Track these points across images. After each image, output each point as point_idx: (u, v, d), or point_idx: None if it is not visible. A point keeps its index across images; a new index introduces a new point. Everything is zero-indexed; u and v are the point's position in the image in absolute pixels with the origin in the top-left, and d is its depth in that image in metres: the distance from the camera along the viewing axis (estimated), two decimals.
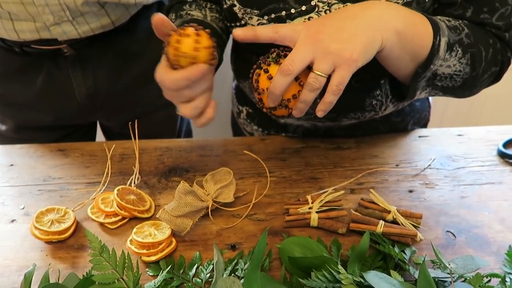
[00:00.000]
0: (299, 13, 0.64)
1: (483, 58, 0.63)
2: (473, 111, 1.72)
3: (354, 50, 0.52)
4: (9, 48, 0.84)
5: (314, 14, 0.64)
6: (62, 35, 0.80)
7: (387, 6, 0.56)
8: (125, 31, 0.89)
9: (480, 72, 0.64)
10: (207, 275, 0.55)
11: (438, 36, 0.58)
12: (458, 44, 0.60)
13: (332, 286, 0.49)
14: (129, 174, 0.73)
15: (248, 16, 0.67)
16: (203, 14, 0.76)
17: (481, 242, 0.61)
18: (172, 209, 0.60)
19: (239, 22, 0.70)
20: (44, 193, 0.70)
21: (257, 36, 0.55)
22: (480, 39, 0.63)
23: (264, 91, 0.57)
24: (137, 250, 0.58)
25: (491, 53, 0.63)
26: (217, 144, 0.81)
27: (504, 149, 0.77)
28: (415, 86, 0.62)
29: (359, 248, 0.54)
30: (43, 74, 0.87)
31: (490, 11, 0.62)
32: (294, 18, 0.65)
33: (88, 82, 0.90)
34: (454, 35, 0.60)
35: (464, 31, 0.61)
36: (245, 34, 0.55)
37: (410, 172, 0.74)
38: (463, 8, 0.63)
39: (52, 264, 0.58)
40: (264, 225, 0.64)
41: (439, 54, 0.58)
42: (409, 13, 0.57)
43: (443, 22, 0.61)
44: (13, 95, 0.90)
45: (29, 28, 0.78)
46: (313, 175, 0.73)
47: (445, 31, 0.59)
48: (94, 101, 0.93)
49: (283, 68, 0.53)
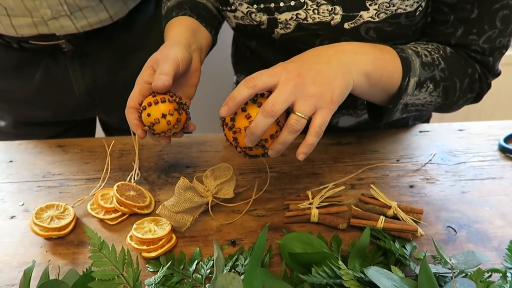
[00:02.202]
0: (287, 8, 0.65)
1: (457, 89, 0.66)
2: (474, 106, 1.71)
3: (334, 93, 0.54)
4: (7, 44, 0.84)
5: (302, 12, 0.64)
6: (60, 29, 0.80)
7: (357, 49, 0.59)
8: (123, 26, 0.89)
9: (454, 100, 0.67)
10: (207, 271, 0.55)
11: (408, 77, 0.61)
12: (429, 81, 0.63)
13: (332, 281, 0.49)
14: (128, 170, 0.73)
15: (239, 2, 0.68)
16: None
17: (482, 237, 0.61)
18: (172, 205, 0.60)
19: (229, 7, 0.70)
20: (44, 189, 0.70)
21: (238, 103, 0.54)
22: (456, 71, 0.65)
23: (241, 130, 0.55)
24: (137, 246, 0.58)
25: (466, 83, 0.67)
26: (217, 139, 0.81)
27: (505, 144, 0.77)
28: (389, 115, 0.65)
29: (359, 243, 0.54)
30: (41, 69, 0.87)
31: (478, 32, 0.63)
32: (282, 12, 0.65)
33: (87, 78, 0.90)
34: (426, 72, 0.62)
35: (440, 65, 0.63)
36: (229, 109, 0.55)
37: (410, 167, 0.74)
38: (454, 27, 0.64)
39: (52, 260, 0.58)
40: (264, 221, 0.64)
41: (407, 92, 0.62)
42: (379, 55, 0.60)
43: (419, 59, 0.63)
44: (12, 91, 0.90)
45: (26, 23, 0.78)
46: (313, 170, 0.73)
47: (416, 71, 0.61)
48: (93, 96, 0.93)
49: (266, 109, 0.52)
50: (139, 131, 0.61)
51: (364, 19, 0.62)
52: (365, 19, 0.62)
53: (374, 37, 0.64)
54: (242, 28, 0.72)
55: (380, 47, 0.62)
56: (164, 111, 0.59)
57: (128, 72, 0.92)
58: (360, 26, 0.63)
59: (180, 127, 0.62)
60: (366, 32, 0.64)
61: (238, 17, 0.70)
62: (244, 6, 0.67)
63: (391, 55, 0.61)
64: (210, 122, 1.37)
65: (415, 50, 0.63)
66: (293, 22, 0.66)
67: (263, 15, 0.67)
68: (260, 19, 0.68)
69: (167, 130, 0.61)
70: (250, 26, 0.71)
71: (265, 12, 0.66)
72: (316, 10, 0.63)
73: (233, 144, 0.58)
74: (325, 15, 0.63)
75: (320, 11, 0.63)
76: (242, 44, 0.83)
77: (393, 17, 0.62)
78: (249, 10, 0.67)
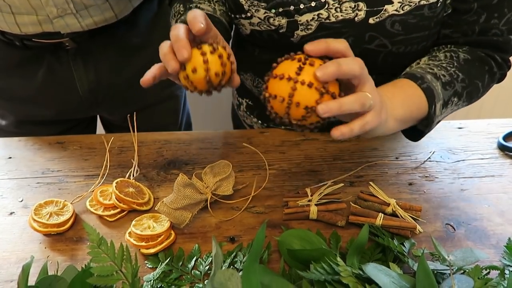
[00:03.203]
0: (308, 9, 0.64)
1: (480, 88, 0.69)
2: (474, 104, 1.71)
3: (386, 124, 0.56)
4: (9, 42, 0.83)
5: (324, 11, 0.64)
6: (65, 28, 0.79)
7: (386, 93, 0.59)
8: (126, 24, 0.89)
9: (479, 95, 0.71)
10: (206, 268, 0.55)
11: (434, 105, 0.62)
12: (453, 96, 0.65)
13: (331, 278, 0.49)
14: (128, 166, 0.73)
15: (255, 9, 0.67)
16: (212, 8, 0.76)
17: (480, 235, 0.61)
18: (171, 202, 0.60)
19: (244, 14, 0.69)
20: (43, 186, 0.70)
21: (341, 73, 0.50)
22: (475, 75, 0.67)
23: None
24: (136, 242, 0.58)
25: (487, 79, 0.69)
26: (216, 136, 0.81)
27: (504, 142, 0.77)
28: (426, 134, 0.67)
29: (358, 240, 0.54)
30: (44, 67, 0.87)
31: (499, 16, 0.65)
32: (303, 14, 0.65)
33: (90, 76, 0.90)
34: (449, 91, 0.64)
35: (459, 77, 0.65)
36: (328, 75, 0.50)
37: (409, 165, 0.74)
38: (477, 15, 0.65)
39: (50, 256, 0.58)
40: (263, 218, 0.64)
41: (436, 116, 0.63)
42: (403, 93, 0.61)
43: (439, 81, 0.64)
44: (14, 89, 0.90)
45: (31, 21, 0.77)
46: (312, 167, 0.73)
47: (439, 95, 0.63)
48: (96, 94, 0.93)
49: (362, 100, 0.50)
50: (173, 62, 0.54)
51: (389, 13, 0.62)
52: (390, 12, 0.62)
53: (399, 30, 0.64)
54: (257, 34, 0.71)
55: (400, 84, 0.63)
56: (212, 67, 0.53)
57: (131, 70, 0.92)
58: (385, 20, 0.63)
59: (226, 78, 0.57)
60: (392, 25, 0.64)
61: (254, 23, 0.69)
62: (261, 11, 0.67)
63: (412, 89, 0.62)
64: (210, 119, 1.37)
65: (433, 73, 0.64)
66: (314, 22, 0.65)
67: (282, 19, 0.67)
68: (279, 23, 0.67)
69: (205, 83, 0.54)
70: (266, 32, 0.70)
71: (284, 15, 0.66)
72: (339, 8, 0.63)
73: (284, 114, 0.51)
74: (349, 12, 0.63)
75: (343, 8, 0.63)
76: (244, 45, 0.83)
77: (417, 8, 0.63)
78: (267, 15, 0.67)
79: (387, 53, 0.68)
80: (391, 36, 0.65)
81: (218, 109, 1.20)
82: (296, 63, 0.50)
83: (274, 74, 0.51)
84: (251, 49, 0.80)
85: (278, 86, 0.50)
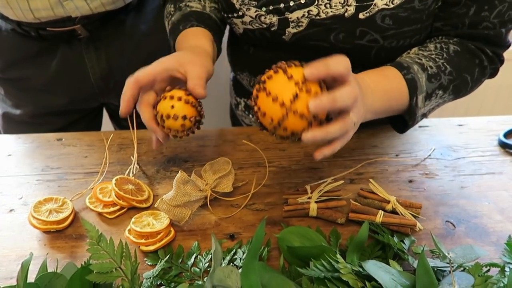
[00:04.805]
0: (298, 6, 0.64)
1: (469, 81, 0.69)
2: (474, 102, 1.71)
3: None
4: (25, 34, 0.87)
5: (314, 8, 0.63)
6: (75, 10, 0.82)
7: (370, 83, 0.60)
8: (134, 11, 0.93)
9: (468, 89, 0.71)
10: (205, 265, 0.55)
11: (415, 96, 0.63)
12: (437, 89, 0.65)
13: (330, 275, 0.49)
14: (127, 164, 0.73)
15: (246, 7, 0.67)
16: (202, 5, 0.76)
17: (480, 232, 0.61)
18: (170, 199, 0.59)
19: (236, 13, 0.69)
20: (42, 183, 0.70)
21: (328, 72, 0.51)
22: (464, 68, 0.67)
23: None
24: (135, 239, 0.58)
25: (477, 73, 0.69)
26: (216, 134, 0.81)
27: (505, 139, 0.77)
28: (411, 126, 0.69)
29: (358, 237, 0.54)
30: (58, 57, 0.90)
31: (490, 8, 0.64)
32: (293, 11, 0.65)
33: (102, 63, 0.93)
34: (433, 84, 0.65)
35: (446, 70, 0.65)
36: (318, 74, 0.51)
37: (410, 162, 0.73)
38: (466, 7, 0.65)
39: (50, 253, 0.58)
40: (263, 215, 0.63)
41: (418, 107, 0.65)
42: (387, 85, 0.61)
43: (425, 73, 0.64)
44: (29, 79, 0.93)
45: (43, 6, 0.80)
46: (312, 165, 0.73)
47: (423, 87, 0.64)
48: (107, 82, 0.96)
49: (347, 123, 0.51)
50: (159, 133, 0.62)
51: (379, 7, 0.62)
52: (379, 6, 0.62)
53: (390, 24, 0.64)
54: (250, 33, 0.72)
55: (385, 73, 0.63)
56: (188, 114, 0.60)
57: (140, 56, 0.96)
58: (375, 15, 0.63)
59: (184, 134, 0.63)
60: (382, 20, 0.63)
61: (246, 22, 0.70)
62: (252, 10, 0.67)
63: (396, 80, 0.63)
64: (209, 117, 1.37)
65: (420, 63, 0.65)
66: (305, 19, 0.65)
67: (273, 17, 0.67)
68: (270, 20, 0.67)
69: (177, 131, 0.62)
70: (258, 30, 0.70)
71: (275, 13, 0.66)
72: (328, 4, 0.63)
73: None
74: (338, 8, 0.63)
75: (333, 4, 0.63)
76: (241, 45, 0.83)
77: (407, 1, 0.62)
78: (258, 14, 0.67)
79: (380, 48, 0.67)
80: (382, 31, 0.65)
81: (217, 108, 1.20)
82: (293, 87, 0.49)
83: (268, 91, 0.51)
84: (246, 48, 0.80)
85: (270, 106, 0.50)
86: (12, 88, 0.96)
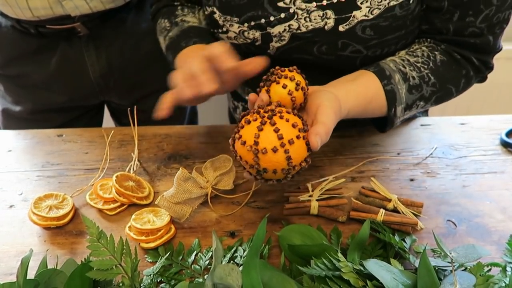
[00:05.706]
0: (278, 21, 0.65)
1: (453, 92, 0.69)
2: (476, 100, 1.70)
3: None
4: (24, 31, 0.86)
5: (294, 22, 0.64)
6: (74, 10, 0.82)
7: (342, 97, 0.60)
8: (135, 9, 0.92)
9: (453, 98, 0.71)
10: (206, 262, 0.55)
11: (394, 107, 0.64)
12: (418, 100, 0.66)
13: (331, 274, 0.49)
14: (128, 160, 0.73)
15: (229, 24, 0.68)
16: (197, 19, 0.76)
17: (482, 231, 0.60)
18: (171, 196, 0.59)
19: (221, 29, 0.70)
20: (43, 179, 0.69)
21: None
22: (449, 79, 0.67)
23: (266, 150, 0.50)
24: (135, 236, 0.57)
25: (463, 84, 0.69)
26: (217, 131, 0.81)
27: (507, 138, 0.76)
28: (390, 128, 0.69)
29: (359, 236, 0.54)
30: (57, 54, 0.90)
31: (475, 13, 0.63)
32: (274, 26, 0.65)
33: (101, 61, 0.93)
34: (414, 95, 0.65)
35: (430, 81, 0.65)
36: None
37: (411, 161, 0.73)
38: (450, 13, 0.64)
39: (50, 250, 0.58)
40: (264, 213, 0.63)
41: (397, 116, 0.66)
42: (362, 99, 0.62)
43: (406, 84, 0.64)
44: (29, 76, 0.93)
45: (42, 5, 0.79)
46: (313, 163, 0.73)
47: (402, 99, 0.64)
48: (107, 80, 0.95)
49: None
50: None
51: (358, 19, 0.62)
52: (359, 18, 0.62)
53: (371, 34, 0.64)
54: (236, 47, 0.72)
55: (364, 80, 0.63)
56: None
57: (140, 55, 0.96)
58: (355, 27, 0.63)
59: None
60: (363, 31, 0.63)
61: (231, 37, 0.70)
62: (235, 26, 0.68)
63: (374, 90, 0.63)
64: (210, 114, 1.37)
65: (403, 72, 0.65)
66: (287, 33, 0.66)
67: (256, 32, 0.67)
68: (254, 36, 0.68)
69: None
70: (243, 45, 0.70)
71: (257, 28, 0.67)
72: (308, 18, 0.63)
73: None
74: (318, 21, 0.63)
75: (312, 18, 0.63)
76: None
77: (387, 10, 0.62)
78: (241, 29, 0.68)
79: (363, 57, 0.67)
80: (364, 42, 0.64)
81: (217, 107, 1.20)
82: (255, 129, 0.49)
83: (238, 136, 0.51)
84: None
85: (243, 151, 0.51)
86: (12, 84, 0.96)
